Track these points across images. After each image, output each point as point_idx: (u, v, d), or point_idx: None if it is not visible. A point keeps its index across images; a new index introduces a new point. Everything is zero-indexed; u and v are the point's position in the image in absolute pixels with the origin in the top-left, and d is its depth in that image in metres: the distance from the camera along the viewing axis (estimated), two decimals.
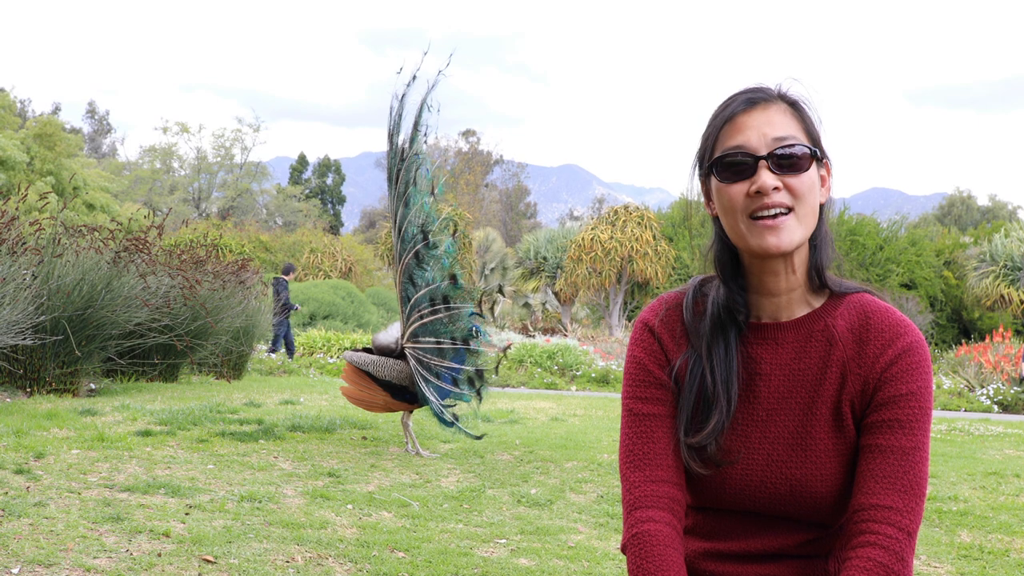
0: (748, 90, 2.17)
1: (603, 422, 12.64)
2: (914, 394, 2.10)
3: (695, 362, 2.21)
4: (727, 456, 2.18)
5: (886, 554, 2.02)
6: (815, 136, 2.16)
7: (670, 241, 39.52)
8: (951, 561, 6.03)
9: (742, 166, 2.11)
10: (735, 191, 2.11)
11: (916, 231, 48.56)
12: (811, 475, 2.14)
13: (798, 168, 2.10)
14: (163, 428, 9.40)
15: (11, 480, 6.61)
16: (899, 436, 2.08)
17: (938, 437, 12.73)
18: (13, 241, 11.58)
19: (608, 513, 6.98)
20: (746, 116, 2.13)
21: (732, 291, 2.22)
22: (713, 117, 2.19)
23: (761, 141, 2.09)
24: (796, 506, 2.17)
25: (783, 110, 2.14)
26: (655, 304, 2.34)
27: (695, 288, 2.31)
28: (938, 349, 30.19)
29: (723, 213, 2.16)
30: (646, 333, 2.29)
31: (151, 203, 68.01)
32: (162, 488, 6.69)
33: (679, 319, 2.28)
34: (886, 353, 2.12)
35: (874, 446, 2.10)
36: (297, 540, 5.62)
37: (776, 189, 2.07)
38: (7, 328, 10.48)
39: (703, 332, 2.22)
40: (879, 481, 2.07)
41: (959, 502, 7.83)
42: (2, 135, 42.32)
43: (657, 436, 2.21)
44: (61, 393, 12.11)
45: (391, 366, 9.12)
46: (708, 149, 2.18)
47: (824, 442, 2.14)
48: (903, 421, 2.09)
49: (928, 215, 78.59)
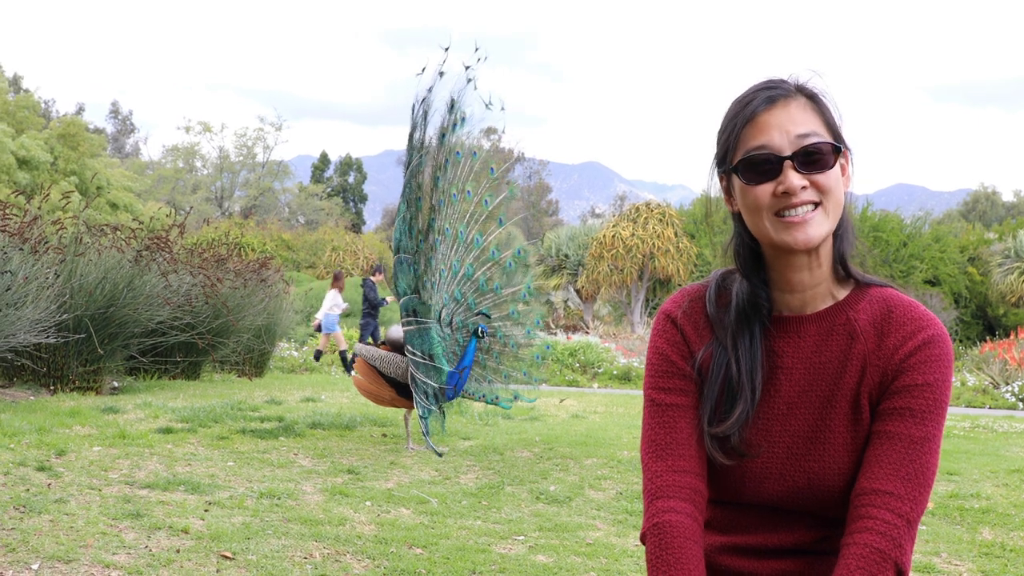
0: (766, 86, 2.12)
1: (624, 419, 12.63)
2: (930, 385, 2.07)
3: (719, 353, 2.20)
4: (749, 448, 2.17)
5: (883, 540, 1.99)
6: (836, 128, 2.13)
7: (692, 238, 39.41)
8: (972, 559, 5.99)
9: (767, 166, 2.07)
10: (760, 192, 2.08)
11: (940, 227, 48.27)
12: (829, 468, 2.12)
13: (823, 165, 2.07)
14: (184, 425, 9.44)
15: (33, 477, 6.65)
16: (909, 425, 2.06)
17: (961, 434, 12.64)
18: (35, 240, 11.65)
19: (627, 510, 6.97)
20: (767, 114, 2.08)
21: (755, 285, 2.20)
22: (732, 115, 2.14)
23: (784, 140, 2.06)
24: (813, 499, 2.15)
25: (803, 105, 2.10)
26: (677, 296, 2.32)
27: (718, 281, 2.29)
28: (962, 346, 30.03)
29: (747, 212, 2.13)
30: (668, 324, 2.28)
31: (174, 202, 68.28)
32: (182, 485, 6.71)
33: (702, 311, 2.26)
34: (906, 344, 2.09)
35: (884, 432, 2.08)
36: (315, 536, 5.64)
37: (803, 188, 2.05)
38: (30, 327, 10.55)
39: (728, 324, 2.21)
40: (884, 467, 2.05)
41: (981, 499, 7.78)
42: (26, 135, 42.59)
43: (679, 426, 2.20)
44: (84, 391, 12.18)
45: (396, 364, 9.16)
46: (730, 149, 2.13)
47: (842, 435, 2.12)
48: (915, 410, 2.06)
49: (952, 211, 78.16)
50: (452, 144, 9.32)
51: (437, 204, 9.22)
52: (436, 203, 9.20)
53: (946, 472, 8.94)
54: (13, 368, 12.19)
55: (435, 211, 9.17)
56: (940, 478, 8.63)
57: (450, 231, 9.32)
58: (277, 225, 60.23)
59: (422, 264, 9.11)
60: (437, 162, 9.21)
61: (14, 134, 42.19)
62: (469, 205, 9.47)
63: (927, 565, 5.75)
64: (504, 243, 9.72)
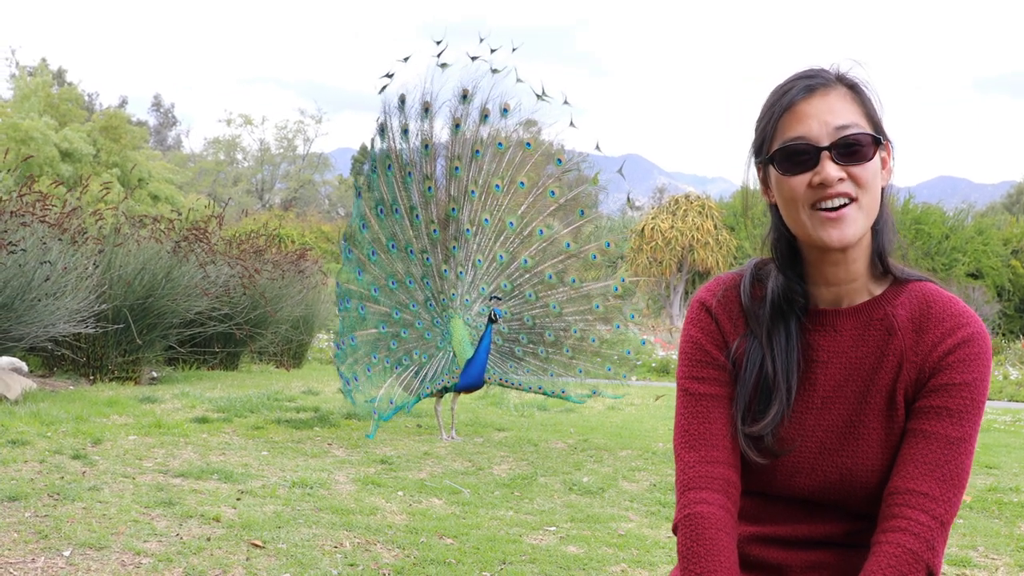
0: (806, 74, 2.08)
1: (659, 411, 12.58)
2: (968, 384, 2.03)
3: (754, 348, 2.17)
4: (783, 445, 2.14)
5: (916, 541, 1.97)
6: (876, 120, 2.08)
7: (731, 230, 39.25)
8: (1010, 553, 5.91)
9: (804, 156, 2.03)
10: (796, 183, 2.04)
11: (983, 220, 47.78)
12: (862, 464, 2.09)
13: (862, 157, 2.02)
14: (220, 415, 9.50)
15: (68, 465, 6.70)
16: (947, 424, 2.02)
17: (1002, 428, 12.50)
18: (75, 231, 11.74)
19: (660, 502, 6.93)
20: (806, 104, 2.04)
21: (790, 279, 2.16)
22: (770, 104, 2.10)
23: (823, 131, 2.02)
24: (845, 494, 2.12)
25: (843, 95, 2.06)
26: (712, 284, 2.29)
27: (753, 271, 2.25)
28: (1005, 340, 29.68)
29: (783, 204, 2.10)
30: (703, 313, 2.25)
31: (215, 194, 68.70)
32: (215, 474, 6.74)
33: (737, 300, 2.23)
34: (945, 342, 2.05)
35: (919, 431, 2.04)
36: (346, 526, 5.64)
37: (840, 180, 2.01)
38: (69, 316, 10.65)
39: (763, 318, 2.17)
40: (919, 466, 2.02)
41: (1021, 494, 7.67)
42: (69, 128, 42.98)
43: (713, 417, 2.17)
44: (123, 381, 12.28)
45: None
46: (767, 139, 2.10)
47: (877, 431, 2.09)
48: (953, 410, 2.03)
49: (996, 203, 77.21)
50: (485, 137, 9.33)
51: (460, 195, 9.23)
52: (456, 194, 9.22)
53: (985, 465, 8.83)
54: (53, 358, 12.31)
55: (455, 202, 9.20)
56: (979, 471, 8.53)
57: (489, 222, 9.31)
58: (317, 217, 60.45)
59: (439, 254, 9.18)
60: (452, 153, 9.23)
61: (57, 127, 42.59)
62: (523, 197, 9.46)
63: (964, 559, 5.68)
64: (584, 236, 9.69)
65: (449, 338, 9.22)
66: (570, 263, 9.58)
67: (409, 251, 9.25)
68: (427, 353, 9.26)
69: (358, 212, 9.33)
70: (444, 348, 9.24)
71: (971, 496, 7.42)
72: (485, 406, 11.96)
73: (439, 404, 9.40)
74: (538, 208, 9.47)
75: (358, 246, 9.31)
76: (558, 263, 9.49)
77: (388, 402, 9.03)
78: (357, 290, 9.26)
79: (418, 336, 9.31)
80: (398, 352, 9.22)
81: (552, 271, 9.48)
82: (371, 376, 9.13)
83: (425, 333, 9.32)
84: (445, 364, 9.15)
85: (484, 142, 9.37)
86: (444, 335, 9.27)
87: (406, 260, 9.27)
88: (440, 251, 9.29)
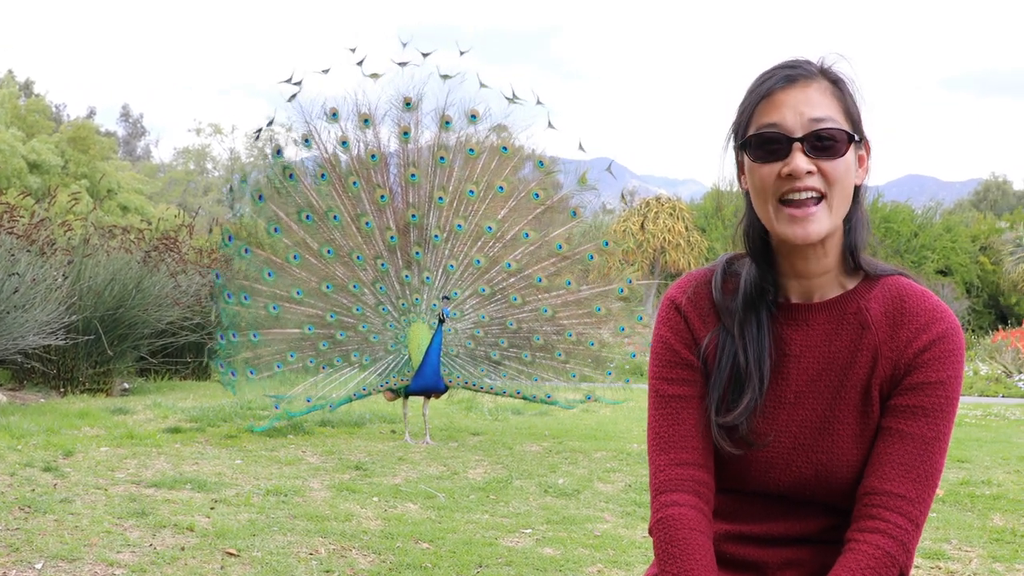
0: (788, 64, 2.06)
1: (634, 412, 12.58)
2: (943, 383, 2.03)
3: (726, 341, 2.15)
4: (757, 438, 2.12)
5: (893, 543, 1.98)
6: (855, 117, 2.06)
7: (703, 232, 39.34)
8: (983, 544, 5.95)
9: (775, 145, 2.02)
10: (766, 172, 2.03)
11: (951, 217, 48.07)
12: (836, 459, 2.08)
13: (834, 152, 2.00)
14: (193, 425, 9.45)
15: (39, 478, 6.65)
16: (921, 424, 2.03)
17: (973, 422, 12.59)
18: (43, 242, 11.66)
19: (635, 502, 6.94)
20: (784, 93, 2.03)
21: (762, 270, 2.15)
22: (750, 90, 2.08)
23: (797, 121, 2.00)
24: (820, 489, 2.12)
25: (823, 88, 2.04)
26: (683, 281, 2.27)
27: (724, 266, 2.23)
28: (975, 335, 29.88)
29: (753, 192, 2.08)
30: (673, 311, 2.23)
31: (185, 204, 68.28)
32: (188, 483, 6.71)
33: (708, 296, 2.21)
34: (920, 338, 2.04)
35: (895, 430, 2.04)
36: (321, 532, 5.62)
37: (809, 173, 1.99)
38: (39, 328, 10.56)
39: (735, 310, 2.15)
40: (895, 468, 2.02)
41: (992, 486, 7.73)
42: (37, 139, 42.64)
43: (683, 417, 2.16)
44: (94, 392, 12.20)
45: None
46: (743, 124, 2.08)
47: (851, 426, 2.08)
48: (928, 409, 2.03)
49: (963, 201, 77.67)
50: (452, 143, 9.36)
51: (422, 202, 9.25)
52: (416, 201, 9.24)
53: (957, 460, 8.89)
54: (23, 371, 12.22)
55: (415, 208, 9.21)
56: (951, 465, 8.59)
57: (463, 228, 9.31)
58: None
59: (399, 259, 9.20)
60: (405, 160, 9.25)
61: (24, 138, 42.25)
62: (503, 201, 9.45)
63: (938, 552, 5.71)
64: (576, 237, 9.70)
65: (405, 341, 9.23)
66: (564, 265, 9.58)
67: (356, 257, 9.24)
68: (370, 355, 9.28)
69: (265, 216, 9.35)
70: (396, 351, 9.27)
71: (944, 490, 7.47)
72: (459, 411, 11.94)
73: (406, 407, 9.40)
74: (521, 212, 9.47)
75: (267, 247, 9.31)
76: (549, 265, 9.50)
77: (305, 400, 9.12)
78: (267, 289, 9.25)
79: (361, 339, 9.32)
80: (331, 353, 9.24)
81: (543, 274, 9.48)
82: (279, 374, 9.17)
83: (371, 336, 9.33)
84: (397, 366, 9.18)
85: (451, 149, 9.36)
86: (400, 338, 9.28)
87: (350, 265, 9.27)
88: (400, 257, 9.30)
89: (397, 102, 9.34)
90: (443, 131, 9.36)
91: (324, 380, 9.22)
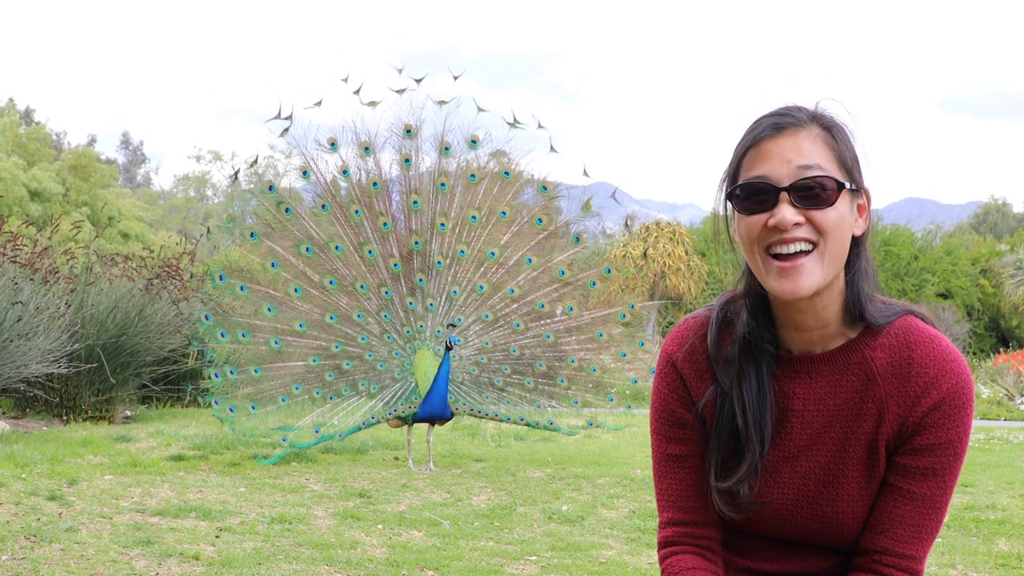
0: (778, 112, 1.99)
1: (636, 438, 12.58)
2: (952, 442, 1.99)
3: (724, 401, 2.09)
4: (758, 498, 2.09)
5: None
6: (849, 164, 1.97)
7: (703, 256, 39.39)
8: (988, 570, 5.95)
9: (762, 196, 1.94)
10: (752, 223, 1.96)
11: (951, 240, 48.22)
12: (842, 512, 2.06)
13: (823, 201, 1.91)
14: (196, 452, 9.45)
15: (44, 506, 6.65)
16: (931, 485, 2.01)
17: (976, 446, 12.58)
18: (46, 270, 11.69)
19: (640, 528, 6.94)
20: (771, 142, 1.95)
21: (760, 324, 2.08)
22: (739, 141, 2.01)
23: (784, 170, 1.92)
24: (826, 538, 2.10)
25: (814, 136, 1.95)
26: (679, 332, 2.20)
27: (720, 314, 2.16)
28: (976, 358, 29.87)
29: (743, 245, 2.02)
30: (669, 367, 2.19)
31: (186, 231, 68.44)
32: (193, 511, 6.71)
33: (704, 351, 2.14)
34: (929, 394, 1.97)
35: (903, 491, 2.02)
36: (327, 561, 5.62)
37: (797, 224, 1.91)
38: (41, 357, 10.57)
39: (732, 365, 2.09)
40: (904, 528, 2.02)
41: (997, 511, 7.73)
42: (38, 167, 42.76)
43: (681, 477, 2.17)
44: (97, 420, 12.19)
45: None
46: (730, 175, 2.02)
47: (856, 480, 2.05)
48: (937, 470, 2.01)
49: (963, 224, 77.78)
50: (453, 169, 9.40)
51: (425, 229, 9.28)
52: (419, 228, 9.27)
53: (961, 484, 8.88)
54: (26, 399, 12.22)
55: (417, 235, 9.25)
56: (955, 491, 8.56)
57: (465, 254, 9.35)
58: None
59: (403, 287, 9.23)
60: (407, 187, 9.28)
61: (26, 166, 42.39)
62: (506, 227, 9.48)
63: None
64: (578, 263, 9.73)
65: (411, 368, 9.25)
66: (566, 291, 9.60)
67: (360, 286, 9.26)
68: (377, 383, 9.29)
69: (259, 253, 9.36)
70: (403, 378, 9.28)
71: (948, 516, 7.44)
72: (462, 437, 11.94)
73: (410, 434, 9.40)
74: (523, 237, 9.49)
75: (264, 282, 9.29)
76: (551, 291, 9.52)
77: (314, 431, 9.12)
78: (268, 324, 9.23)
79: (368, 367, 9.33)
80: (338, 383, 9.25)
81: (545, 300, 9.50)
82: (285, 407, 9.16)
83: (378, 364, 9.34)
84: (404, 394, 9.19)
85: (452, 175, 9.40)
86: (406, 365, 9.30)
87: (354, 294, 9.28)
88: (404, 284, 9.32)
89: (397, 129, 9.39)
90: (443, 157, 9.40)
91: (331, 410, 9.23)
